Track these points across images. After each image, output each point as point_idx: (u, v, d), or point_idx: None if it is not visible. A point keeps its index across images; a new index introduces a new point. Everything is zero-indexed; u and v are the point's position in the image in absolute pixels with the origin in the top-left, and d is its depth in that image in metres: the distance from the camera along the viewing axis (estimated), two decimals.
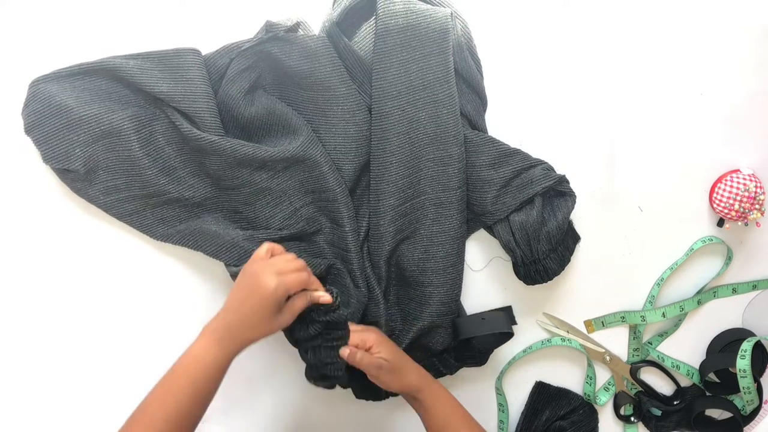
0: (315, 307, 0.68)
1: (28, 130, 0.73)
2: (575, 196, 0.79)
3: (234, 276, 0.74)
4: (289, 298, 0.66)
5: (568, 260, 0.81)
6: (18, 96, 0.73)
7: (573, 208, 0.78)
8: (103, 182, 0.75)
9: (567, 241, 0.80)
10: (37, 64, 0.74)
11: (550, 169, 0.80)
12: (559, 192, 0.79)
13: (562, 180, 0.79)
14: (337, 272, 0.78)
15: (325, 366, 0.70)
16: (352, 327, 0.72)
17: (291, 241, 0.78)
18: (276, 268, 0.64)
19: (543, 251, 0.78)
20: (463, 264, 0.82)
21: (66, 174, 0.75)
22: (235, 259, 0.76)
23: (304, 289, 0.67)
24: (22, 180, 0.77)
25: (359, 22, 0.76)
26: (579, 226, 0.83)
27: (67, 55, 0.75)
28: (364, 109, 0.76)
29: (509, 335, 0.82)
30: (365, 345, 0.70)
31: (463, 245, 0.81)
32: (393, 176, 0.77)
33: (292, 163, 0.75)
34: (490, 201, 0.79)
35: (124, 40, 0.76)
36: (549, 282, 0.80)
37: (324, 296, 0.68)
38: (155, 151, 0.75)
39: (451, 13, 0.76)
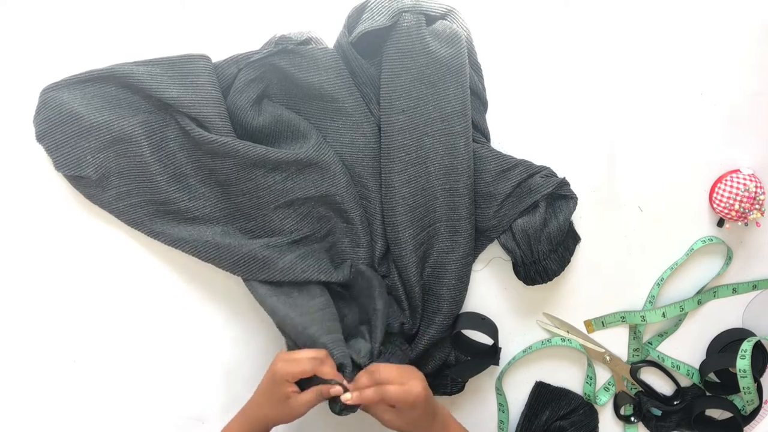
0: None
1: (40, 137, 0.74)
2: (576, 199, 0.79)
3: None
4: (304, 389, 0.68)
5: (568, 261, 0.81)
6: (28, 103, 0.74)
7: (574, 209, 0.78)
8: (115, 188, 0.76)
9: (567, 241, 0.80)
10: (41, 68, 0.74)
11: (551, 174, 0.80)
12: (560, 194, 0.79)
13: (563, 183, 0.79)
14: (361, 274, 0.79)
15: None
16: (393, 377, 0.67)
17: (308, 245, 0.78)
18: (290, 355, 0.69)
19: (543, 252, 0.78)
20: (467, 288, 0.83)
21: (78, 181, 0.75)
22: (254, 273, 0.76)
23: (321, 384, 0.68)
24: (34, 187, 0.77)
25: (373, 45, 0.76)
26: (579, 226, 0.83)
27: (70, 58, 0.75)
28: (372, 122, 0.77)
29: (488, 364, 0.83)
30: (403, 404, 0.67)
31: (470, 269, 0.82)
32: (409, 205, 0.77)
33: (306, 165, 0.75)
34: (492, 215, 0.79)
35: (126, 42, 0.76)
36: (549, 282, 0.80)
37: (334, 389, 0.67)
38: (166, 157, 0.75)
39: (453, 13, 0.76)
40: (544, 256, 0.78)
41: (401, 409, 0.67)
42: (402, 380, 0.67)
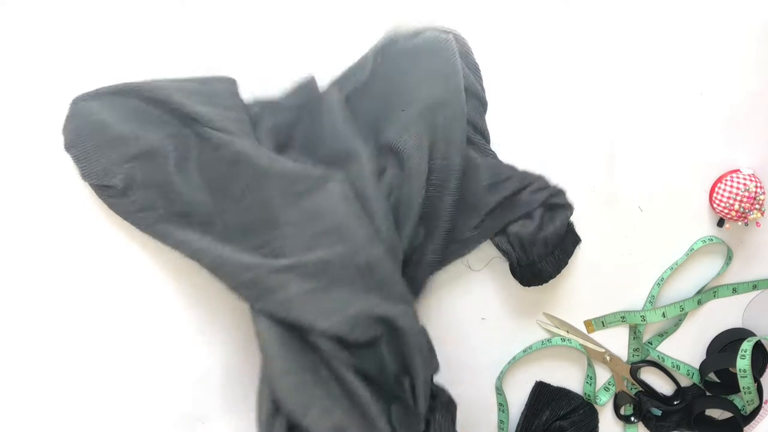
0: None
1: (68, 147, 0.74)
2: (573, 208, 0.78)
3: None
4: None
5: (565, 263, 0.80)
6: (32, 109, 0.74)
7: (570, 215, 0.78)
8: (138, 199, 0.76)
9: (565, 244, 0.80)
10: (40, 67, 0.74)
11: (542, 187, 0.78)
12: (554, 204, 0.79)
13: (557, 193, 0.78)
14: (396, 330, 0.74)
15: None
16: None
17: (324, 272, 0.76)
18: None
19: (539, 254, 0.78)
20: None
21: (103, 190, 0.76)
22: (254, 297, 0.73)
23: None
24: (34, 187, 0.77)
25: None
26: (579, 226, 0.83)
27: (69, 58, 0.75)
28: (374, 162, 0.75)
29: None
30: None
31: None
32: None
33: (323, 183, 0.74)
34: (474, 225, 0.79)
35: (125, 41, 0.76)
36: (549, 282, 0.80)
37: None
38: (190, 170, 0.76)
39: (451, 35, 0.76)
40: (539, 259, 0.78)
41: None
42: None
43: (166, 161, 0.74)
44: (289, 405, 0.65)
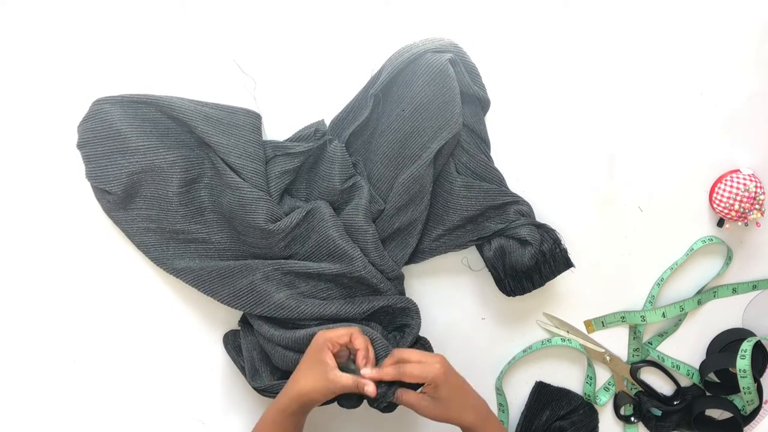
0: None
1: (81, 145, 0.75)
2: (534, 246, 0.78)
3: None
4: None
5: (529, 290, 0.81)
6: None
7: (531, 257, 0.78)
8: (136, 210, 0.77)
9: (532, 275, 0.80)
10: (38, 68, 0.74)
11: (520, 214, 0.79)
12: (519, 237, 0.79)
13: (520, 225, 0.78)
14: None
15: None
16: (413, 356, 0.71)
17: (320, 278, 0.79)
18: (329, 329, 0.72)
19: (508, 273, 0.80)
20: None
21: (103, 194, 0.76)
22: (250, 305, 0.77)
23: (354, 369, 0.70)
24: (37, 187, 0.78)
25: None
26: (579, 226, 0.83)
27: (70, 57, 0.75)
28: (368, 201, 0.78)
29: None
30: (423, 380, 0.69)
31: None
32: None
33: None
34: (433, 238, 0.81)
35: (125, 41, 0.76)
36: (549, 282, 0.80)
37: (368, 387, 0.68)
38: (195, 190, 0.77)
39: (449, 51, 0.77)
40: (506, 276, 0.80)
41: (430, 393, 0.70)
42: (421, 359, 0.70)
43: (172, 181, 0.76)
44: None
